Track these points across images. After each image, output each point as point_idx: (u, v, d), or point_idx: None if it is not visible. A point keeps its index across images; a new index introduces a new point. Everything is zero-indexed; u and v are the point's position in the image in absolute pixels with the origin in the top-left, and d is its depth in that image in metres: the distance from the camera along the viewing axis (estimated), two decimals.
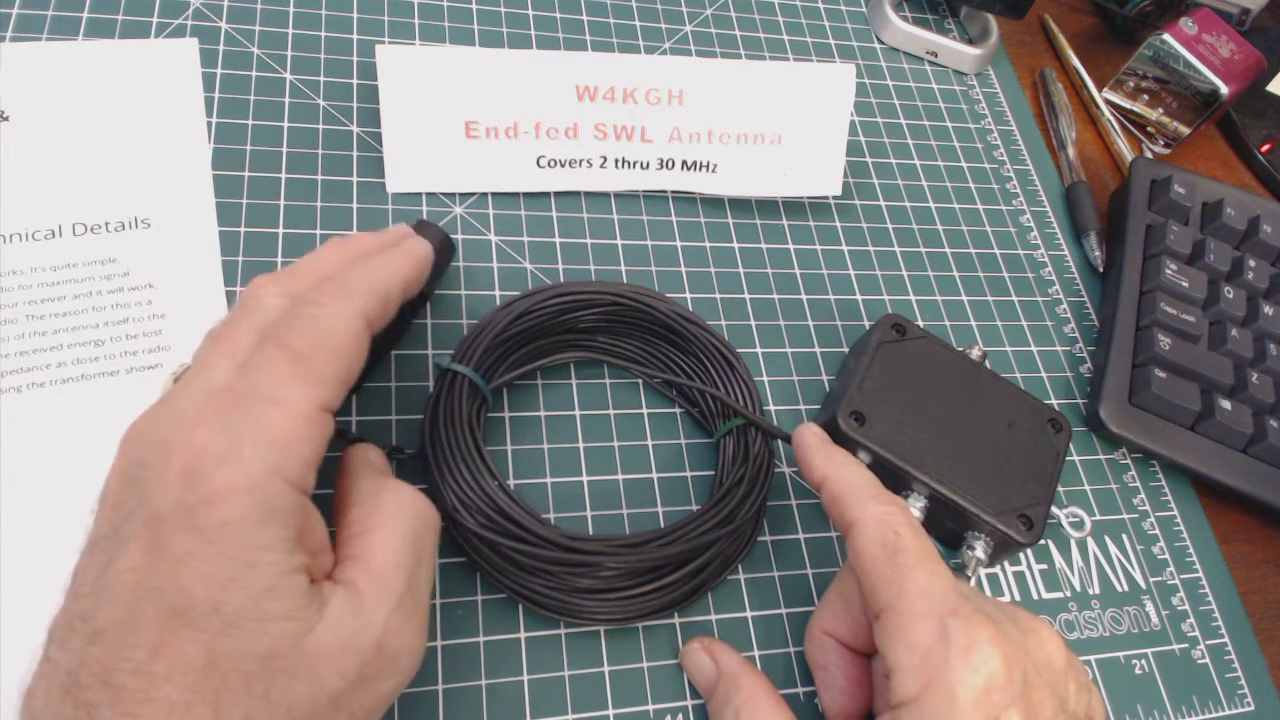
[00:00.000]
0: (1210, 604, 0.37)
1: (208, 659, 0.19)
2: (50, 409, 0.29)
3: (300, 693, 0.20)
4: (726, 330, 0.38)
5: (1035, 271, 0.44)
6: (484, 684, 0.28)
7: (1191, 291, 0.42)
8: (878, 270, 0.42)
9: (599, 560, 0.28)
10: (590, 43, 0.45)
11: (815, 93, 0.41)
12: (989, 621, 0.23)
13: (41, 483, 0.28)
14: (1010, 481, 0.31)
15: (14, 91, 0.35)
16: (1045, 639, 0.25)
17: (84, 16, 0.38)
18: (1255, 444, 0.38)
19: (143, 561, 0.20)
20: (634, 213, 0.40)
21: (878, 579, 0.25)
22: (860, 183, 0.44)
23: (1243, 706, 0.35)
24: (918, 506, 0.32)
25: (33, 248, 0.32)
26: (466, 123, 0.38)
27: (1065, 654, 0.25)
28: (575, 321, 0.34)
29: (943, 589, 0.24)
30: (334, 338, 0.23)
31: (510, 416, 0.33)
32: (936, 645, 0.23)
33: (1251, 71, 0.50)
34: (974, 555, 0.32)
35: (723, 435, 0.33)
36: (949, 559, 0.34)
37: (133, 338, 0.31)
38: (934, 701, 0.23)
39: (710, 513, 0.31)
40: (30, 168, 0.34)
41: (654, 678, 0.30)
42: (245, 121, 0.37)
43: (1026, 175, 0.48)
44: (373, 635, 0.21)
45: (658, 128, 0.39)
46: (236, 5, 0.40)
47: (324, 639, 0.21)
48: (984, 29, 0.52)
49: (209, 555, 0.20)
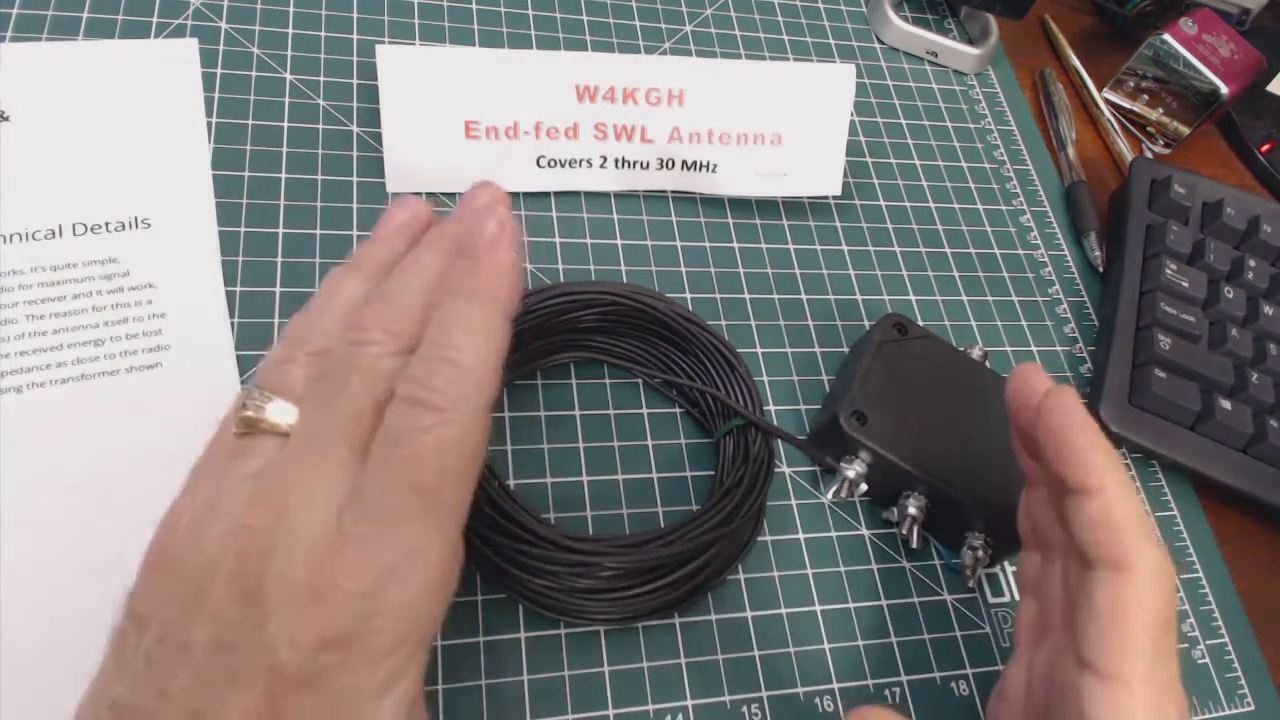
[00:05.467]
0: (1210, 604, 0.37)
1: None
2: (50, 409, 0.29)
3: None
4: (726, 330, 0.38)
5: (1035, 271, 0.44)
6: (484, 684, 0.28)
7: (1191, 291, 0.42)
8: (878, 270, 0.42)
9: (599, 560, 0.28)
10: (590, 43, 0.45)
11: (815, 93, 0.41)
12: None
13: (41, 483, 0.28)
14: (1011, 481, 0.31)
15: (14, 91, 0.35)
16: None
17: (84, 16, 0.38)
18: (1255, 444, 0.38)
19: (257, 710, 0.18)
20: (634, 213, 0.40)
21: (1126, 645, 0.22)
22: (860, 183, 0.44)
23: (1243, 706, 0.35)
24: (918, 506, 0.32)
25: (33, 248, 0.32)
26: (466, 123, 0.38)
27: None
28: (575, 321, 0.34)
29: (1177, 679, 0.22)
30: (464, 461, 0.20)
31: (510, 416, 0.33)
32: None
33: (1251, 71, 0.50)
34: (975, 555, 0.32)
35: (723, 435, 0.33)
36: (949, 559, 0.34)
37: (133, 338, 0.31)
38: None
39: (710, 513, 0.31)
40: (30, 168, 0.34)
41: (654, 678, 0.30)
42: (245, 121, 0.37)
43: (1026, 175, 0.48)
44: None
45: (658, 128, 0.39)
46: (236, 5, 0.40)
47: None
48: (984, 29, 0.52)
49: (328, 717, 0.18)
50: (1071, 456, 0.23)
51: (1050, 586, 0.26)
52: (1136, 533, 0.22)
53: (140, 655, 0.19)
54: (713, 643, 0.31)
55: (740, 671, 0.31)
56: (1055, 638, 0.25)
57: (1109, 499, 0.23)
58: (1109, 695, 0.22)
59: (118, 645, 0.19)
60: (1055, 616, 0.26)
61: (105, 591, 0.21)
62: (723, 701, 0.30)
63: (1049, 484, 0.26)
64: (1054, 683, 0.24)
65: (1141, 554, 0.22)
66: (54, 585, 0.27)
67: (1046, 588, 0.26)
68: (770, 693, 0.30)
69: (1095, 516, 0.23)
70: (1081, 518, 0.23)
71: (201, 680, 0.18)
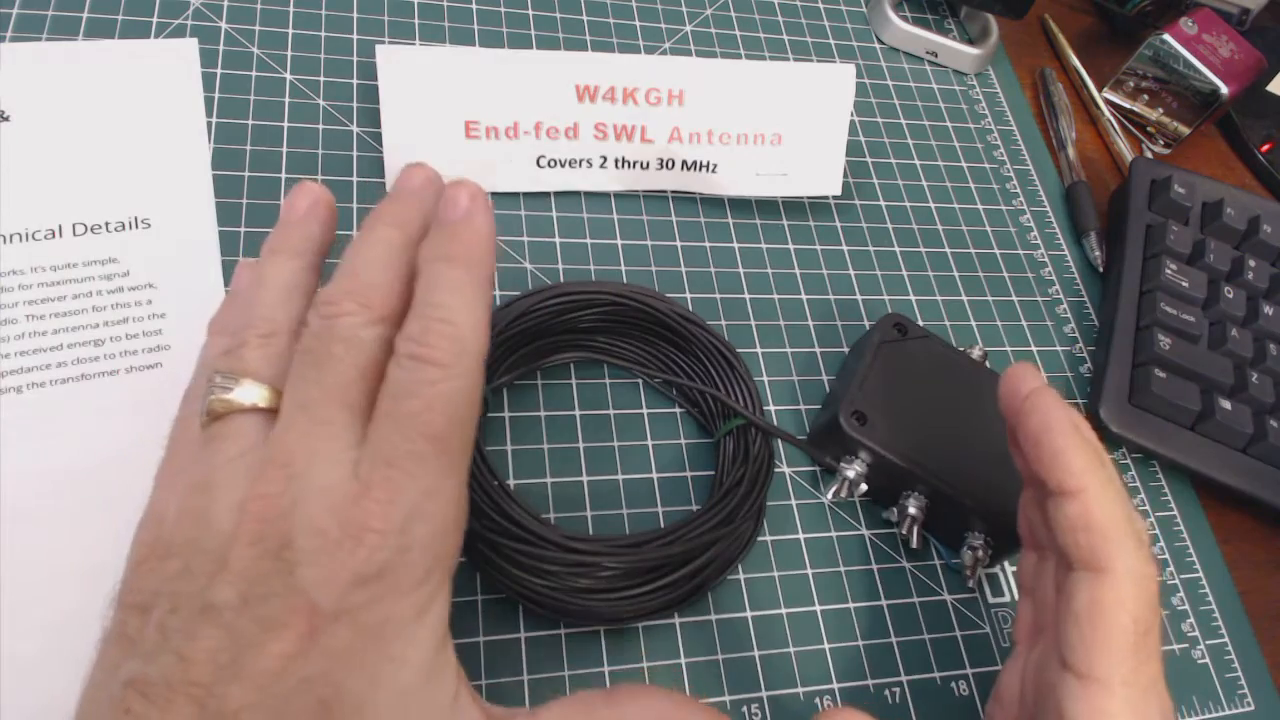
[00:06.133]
0: (1210, 604, 0.37)
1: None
2: (50, 409, 0.29)
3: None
4: (726, 330, 0.38)
5: (1035, 271, 0.44)
6: (484, 684, 0.28)
7: (1191, 291, 0.42)
8: (878, 270, 0.42)
9: (599, 560, 0.28)
10: (590, 43, 0.45)
11: (815, 93, 0.41)
12: None
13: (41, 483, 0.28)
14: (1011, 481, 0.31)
15: (14, 91, 0.35)
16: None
17: (84, 16, 0.38)
18: (1255, 444, 0.38)
19: (295, 649, 0.18)
20: (634, 213, 0.40)
21: (1104, 646, 0.22)
22: (860, 183, 0.44)
23: (1243, 706, 0.35)
24: (918, 506, 0.32)
25: (33, 248, 0.32)
26: (466, 123, 0.38)
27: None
28: (575, 321, 0.34)
29: (1160, 680, 0.22)
30: (468, 410, 0.21)
31: (510, 416, 0.33)
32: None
33: (1251, 71, 0.50)
34: (975, 555, 0.32)
35: (723, 435, 0.33)
36: (949, 559, 0.34)
37: (133, 338, 0.31)
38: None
39: (710, 513, 0.31)
40: (30, 168, 0.33)
41: (654, 678, 0.30)
42: (245, 121, 0.37)
43: (1026, 175, 0.48)
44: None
45: (658, 128, 0.39)
46: (236, 5, 0.40)
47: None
48: (984, 29, 0.52)
49: (364, 651, 0.19)
50: (1050, 458, 0.24)
51: (1044, 587, 0.26)
52: (1116, 534, 0.22)
53: (151, 630, 0.19)
54: (712, 643, 0.31)
55: (740, 671, 0.31)
56: (1046, 638, 0.25)
57: (1087, 500, 0.23)
58: (1088, 696, 0.22)
59: (118, 634, 0.20)
60: (1047, 617, 0.26)
61: (105, 591, 0.21)
62: (723, 701, 0.30)
63: (1033, 485, 0.26)
64: (1041, 683, 0.24)
65: (1120, 556, 0.22)
66: (54, 585, 0.27)
67: (1041, 588, 0.26)
68: (770, 693, 0.30)
69: (1074, 518, 0.23)
70: (1061, 519, 0.23)
71: (233, 633, 0.18)
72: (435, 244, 0.23)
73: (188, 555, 0.20)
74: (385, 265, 0.22)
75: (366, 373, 0.21)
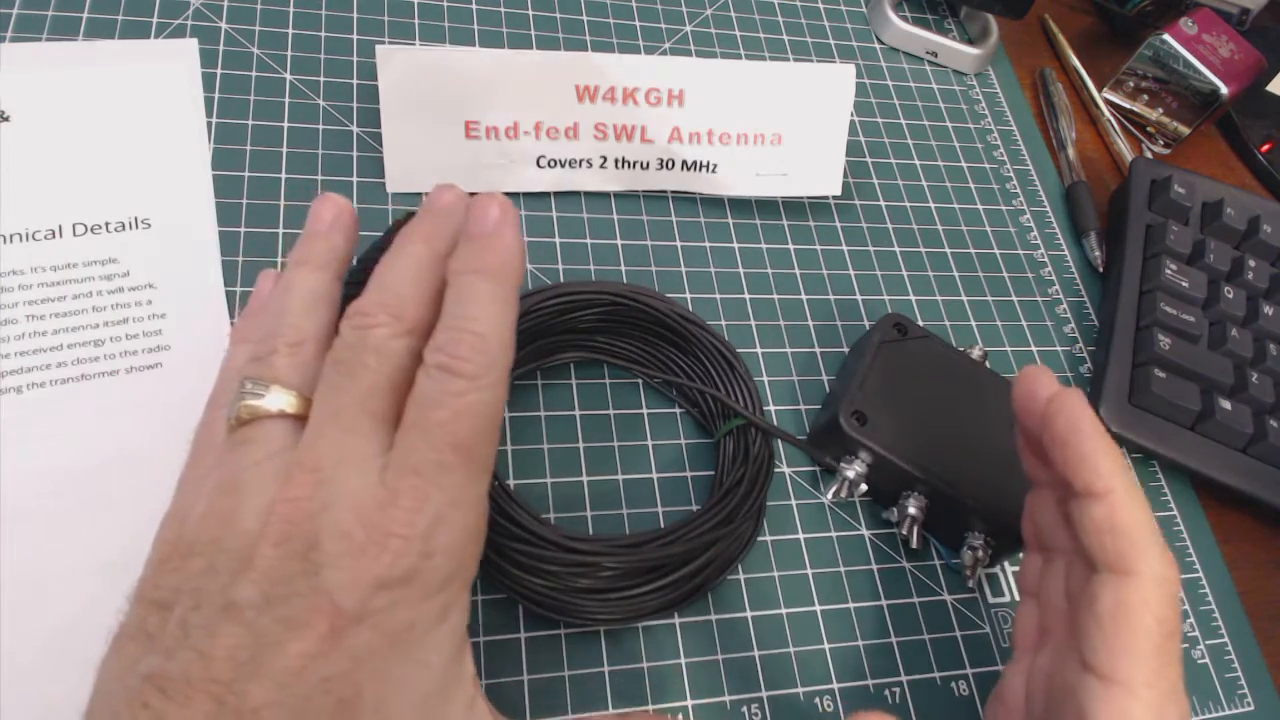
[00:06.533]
0: (1210, 604, 0.37)
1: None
2: (50, 409, 0.29)
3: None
4: (726, 330, 0.38)
5: (1035, 271, 0.44)
6: (484, 684, 0.28)
7: (1191, 291, 0.42)
8: (878, 270, 0.42)
9: (599, 560, 0.28)
10: (590, 43, 0.45)
11: (815, 93, 0.41)
12: None
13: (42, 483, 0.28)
14: (1011, 481, 0.31)
15: (14, 91, 0.35)
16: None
17: (84, 16, 0.38)
18: (1255, 444, 0.38)
19: (316, 649, 0.18)
20: (634, 213, 0.40)
21: (1129, 649, 0.22)
22: (860, 183, 0.44)
23: (1243, 706, 0.35)
24: (918, 506, 0.32)
25: (33, 248, 0.32)
26: (466, 123, 0.37)
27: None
28: (575, 321, 0.34)
29: (1181, 684, 0.23)
30: (493, 421, 0.21)
31: (510, 416, 0.33)
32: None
33: (1251, 71, 0.50)
34: (975, 555, 0.32)
35: (723, 435, 0.33)
36: (949, 559, 0.34)
37: (133, 338, 0.31)
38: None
39: (710, 513, 0.31)
40: (30, 168, 0.34)
41: (654, 678, 0.30)
42: (245, 121, 0.37)
43: (1026, 175, 0.48)
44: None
45: (658, 128, 0.39)
46: (236, 5, 0.40)
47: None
48: (984, 29, 0.52)
49: (385, 653, 0.19)
50: (1078, 460, 0.23)
51: (1052, 590, 0.26)
52: (1142, 537, 0.22)
53: (172, 627, 0.19)
54: (713, 643, 0.31)
55: (740, 671, 0.31)
56: (1057, 640, 0.25)
57: (1115, 503, 0.23)
58: (1110, 698, 0.22)
59: (136, 629, 0.20)
60: (1057, 619, 0.26)
61: (106, 591, 0.21)
62: (723, 702, 0.30)
63: (1055, 487, 0.26)
64: (1056, 685, 0.24)
65: (1146, 559, 0.22)
66: (55, 585, 0.27)
67: (1048, 591, 0.26)
68: (770, 693, 0.30)
69: (1101, 520, 0.23)
70: (1087, 521, 0.23)
71: (254, 631, 0.18)
72: (465, 257, 0.23)
73: (212, 554, 0.20)
74: (416, 279, 0.23)
75: (396, 383, 0.22)
